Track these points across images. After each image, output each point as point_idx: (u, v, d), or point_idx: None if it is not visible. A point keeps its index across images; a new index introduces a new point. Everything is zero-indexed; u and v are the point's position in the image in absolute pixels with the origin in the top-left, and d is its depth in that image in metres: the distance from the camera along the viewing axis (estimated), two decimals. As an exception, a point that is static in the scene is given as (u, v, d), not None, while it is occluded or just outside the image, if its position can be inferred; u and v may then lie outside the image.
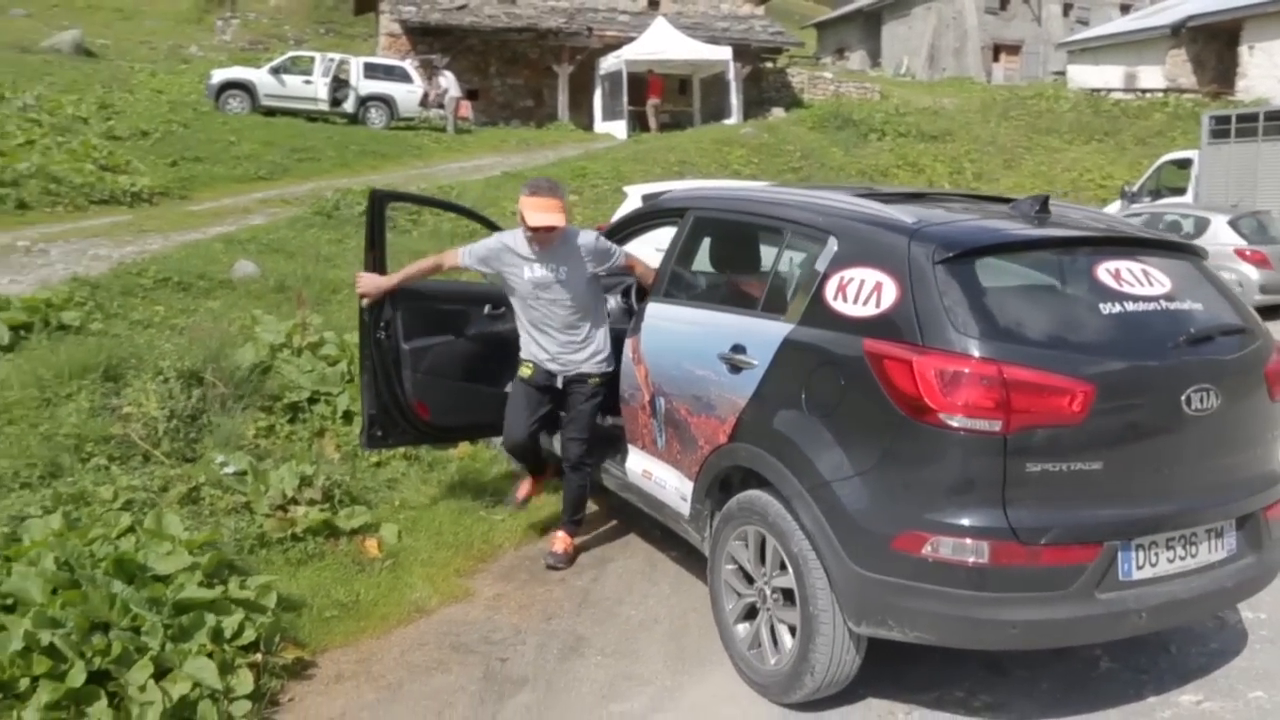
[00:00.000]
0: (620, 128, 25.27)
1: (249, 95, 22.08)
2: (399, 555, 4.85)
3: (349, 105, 22.92)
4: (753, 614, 3.77)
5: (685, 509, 4.17)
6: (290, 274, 9.50)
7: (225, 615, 3.67)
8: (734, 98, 26.49)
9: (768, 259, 4.32)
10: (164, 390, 5.76)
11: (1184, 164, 17.26)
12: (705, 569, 4.09)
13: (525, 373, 4.77)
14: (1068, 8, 42.59)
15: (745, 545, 3.74)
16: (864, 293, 3.37)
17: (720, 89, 27.13)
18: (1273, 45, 27.21)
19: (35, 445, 5.26)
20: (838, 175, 20.59)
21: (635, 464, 4.62)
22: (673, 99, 28.42)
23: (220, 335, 6.64)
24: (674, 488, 4.26)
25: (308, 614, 4.22)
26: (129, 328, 7.38)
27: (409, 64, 24.65)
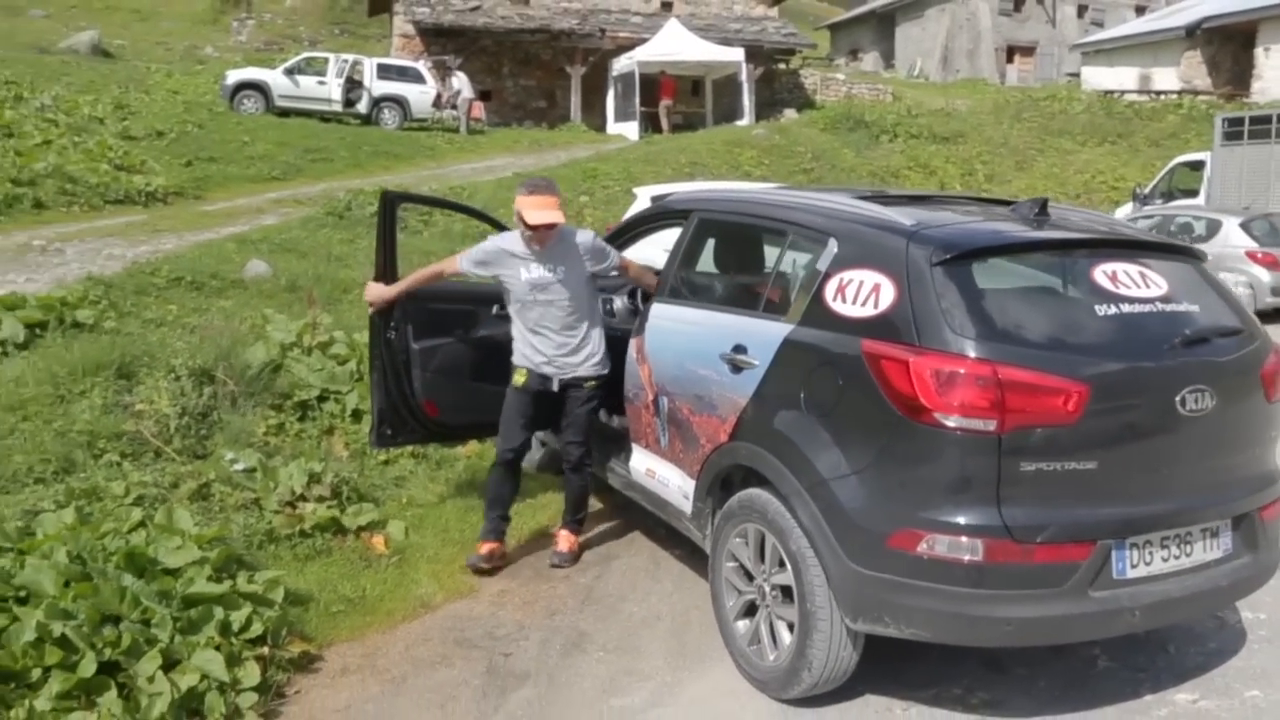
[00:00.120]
0: (633, 129, 25.31)
1: (263, 96, 22.23)
2: (405, 552, 4.91)
3: (362, 106, 23.04)
4: (752, 611, 3.80)
5: (687, 507, 4.22)
6: (302, 274, 9.57)
7: (233, 609, 3.73)
8: (746, 99, 26.52)
9: (770, 260, 4.38)
10: (176, 388, 5.84)
11: (1197, 166, 17.22)
12: (707, 567, 4.13)
13: (519, 380, 4.73)
14: (1082, 9, 42.44)
15: (745, 543, 3.78)
16: (863, 294, 3.41)
17: (733, 90, 27.15)
18: (1289, 47, 27.13)
19: (49, 441, 5.35)
20: (849, 177, 20.57)
21: (639, 462, 4.67)
22: (685, 100, 28.49)
23: (232, 334, 6.71)
24: (676, 486, 4.31)
25: (314, 609, 4.29)
26: (142, 326, 7.47)
27: (422, 65, 24.75)
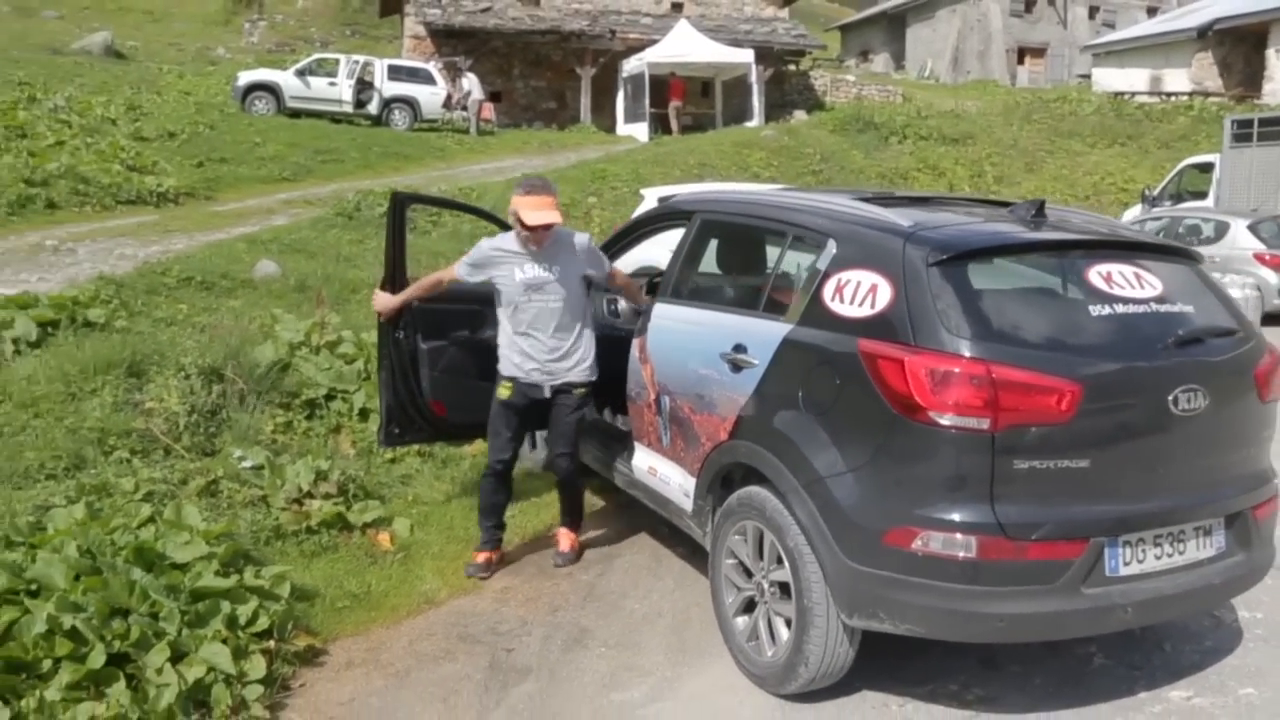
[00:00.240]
0: (642, 130, 25.35)
1: (275, 97, 22.36)
2: (410, 549, 4.97)
3: (373, 107, 23.15)
4: (751, 607, 3.85)
5: (688, 505, 4.26)
6: (311, 274, 9.66)
7: (240, 603, 3.80)
8: (756, 100, 26.51)
9: (771, 261, 4.43)
10: (185, 386, 5.92)
11: (1206, 168, 17.18)
12: (708, 564, 4.18)
13: (504, 394, 4.68)
14: (1093, 10, 42.34)
15: (744, 540, 3.82)
16: (860, 294, 3.45)
17: (742, 91, 27.13)
18: (1300, 49, 27.04)
19: (61, 438, 5.43)
20: (858, 178, 20.58)
21: (641, 461, 4.71)
22: (695, 101, 28.54)
23: (241, 333, 6.79)
24: (678, 484, 4.35)
25: (320, 603, 4.35)
26: (152, 325, 7.56)
27: (433, 66, 24.85)
